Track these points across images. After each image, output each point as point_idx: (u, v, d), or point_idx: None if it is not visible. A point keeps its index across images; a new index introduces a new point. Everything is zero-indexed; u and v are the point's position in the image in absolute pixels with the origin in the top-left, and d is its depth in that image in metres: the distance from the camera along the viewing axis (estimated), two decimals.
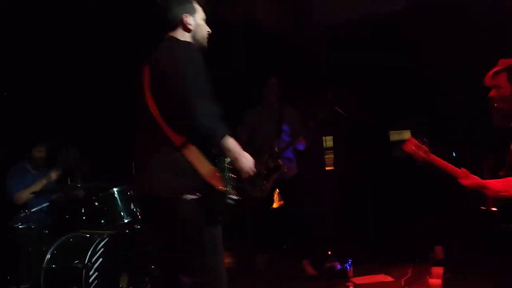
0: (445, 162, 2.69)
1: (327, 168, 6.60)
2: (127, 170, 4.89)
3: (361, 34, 7.08)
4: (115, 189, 3.83)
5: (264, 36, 6.32)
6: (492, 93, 2.62)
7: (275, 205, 5.15)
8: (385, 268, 4.42)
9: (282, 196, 4.78)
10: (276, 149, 4.42)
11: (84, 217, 3.85)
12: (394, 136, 7.45)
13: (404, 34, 6.78)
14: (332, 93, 4.62)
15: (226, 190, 2.12)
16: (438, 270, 4.01)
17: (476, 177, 2.61)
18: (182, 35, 2.37)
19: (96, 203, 3.81)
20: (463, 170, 2.65)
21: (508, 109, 2.56)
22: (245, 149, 2.21)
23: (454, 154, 6.26)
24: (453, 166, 2.68)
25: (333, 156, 6.59)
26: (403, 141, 7.59)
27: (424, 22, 6.52)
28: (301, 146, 4.54)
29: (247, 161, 2.23)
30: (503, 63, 2.66)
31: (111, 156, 5.09)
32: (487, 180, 2.58)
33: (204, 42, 2.44)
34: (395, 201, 5.75)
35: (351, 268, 4.24)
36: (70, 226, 3.84)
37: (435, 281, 3.82)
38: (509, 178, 2.53)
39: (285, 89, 4.84)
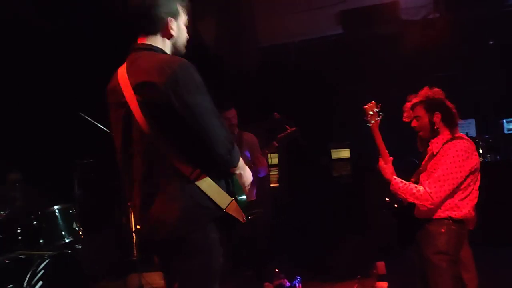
0: (381, 141, 3.11)
1: (272, 185, 6.65)
2: (69, 190, 4.72)
3: (301, 56, 7.36)
4: (55, 207, 3.61)
5: (203, 57, 6.35)
6: (414, 123, 3.01)
7: None
8: (331, 285, 4.50)
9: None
10: None
11: (20, 237, 3.58)
12: (335, 154, 7.70)
13: (342, 58, 7.14)
14: (278, 113, 4.66)
15: (246, 219, 2.03)
16: (383, 285, 4.14)
17: (392, 169, 3.05)
18: (163, 43, 2.06)
19: (35, 222, 3.55)
20: (390, 158, 3.07)
21: (428, 136, 2.93)
22: None
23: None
24: (384, 148, 3.06)
25: (277, 173, 6.68)
26: (343, 159, 7.84)
27: (362, 47, 6.91)
28: (262, 173, 4.49)
29: (249, 174, 2.13)
30: (419, 95, 3.02)
31: (53, 177, 4.80)
32: (395, 177, 2.99)
33: (183, 50, 2.16)
34: (336, 218, 5.91)
35: (300, 285, 4.26)
36: (5, 247, 3.55)
37: None
38: (411, 184, 2.91)
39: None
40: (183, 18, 2.12)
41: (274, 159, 6.68)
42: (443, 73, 6.83)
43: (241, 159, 2.04)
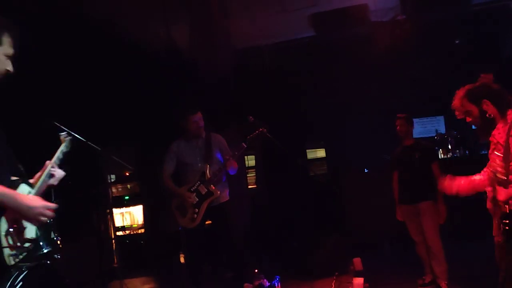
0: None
1: (249, 187, 6.73)
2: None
3: (275, 58, 7.45)
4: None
5: (177, 61, 6.38)
6: (468, 119, 2.75)
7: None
8: (309, 283, 4.60)
9: (212, 221, 4.56)
10: (208, 175, 4.34)
11: None
12: (311, 154, 7.84)
13: (314, 59, 7.27)
14: (252, 116, 4.70)
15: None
16: (359, 281, 4.26)
17: (459, 179, 2.89)
18: None
19: None
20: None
21: (483, 125, 2.64)
22: (171, 182, 2.02)
23: (366, 170, 6.74)
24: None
25: (255, 174, 6.76)
26: (319, 159, 7.92)
27: (333, 49, 7.06)
28: (232, 171, 4.49)
29: (27, 208, 1.99)
30: (462, 89, 2.79)
31: None
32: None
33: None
34: (312, 217, 6.03)
35: (279, 285, 4.35)
36: None
37: None
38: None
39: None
40: (5, 50, 2.02)
41: (251, 161, 6.78)
42: (412, 71, 7.05)
43: (5, 189, 1.90)
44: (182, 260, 5.85)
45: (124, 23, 5.54)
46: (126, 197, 6.43)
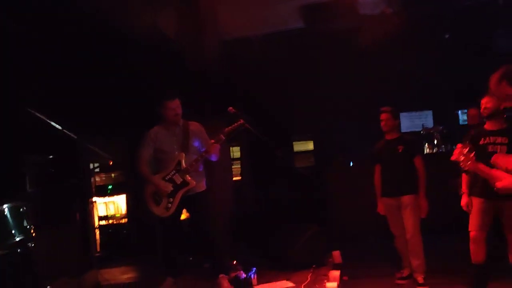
0: (486, 168, 2.83)
1: (234, 178, 6.72)
2: (20, 187, 4.65)
3: (263, 50, 7.41)
4: (5, 206, 3.56)
5: (166, 51, 6.33)
6: (506, 103, 2.70)
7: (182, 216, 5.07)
8: (287, 275, 4.59)
9: (189, 211, 4.60)
10: (184, 164, 4.32)
11: None
12: (298, 146, 7.83)
13: (303, 51, 7.23)
14: (236, 107, 4.68)
15: None
16: (335, 274, 4.27)
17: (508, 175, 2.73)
18: None
19: None
20: (497, 172, 2.81)
21: None
22: (147, 169, 1.95)
23: (351, 163, 6.74)
24: (491, 171, 2.81)
25: (240, 166, 6.76)
26: (306, 151, 7.95)
27: (322, 41, 7.02)
28: (214, 157, 4.46)
29: None
30: (496, 73, 2.71)
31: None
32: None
33: None
34: (295, 209, 6.03)
35: (255, 276, 4.36)
36: None
37: (332, 284, 4.06)
38: None
39: (186, 105, 4.72)
40: None
41: (236, 152, 6.77)
42: (401, 65, 7.03)
43: None
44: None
45: (110, 9, 5.48)
46: (109, 186, 6.42)
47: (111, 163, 6.39)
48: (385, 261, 4.95)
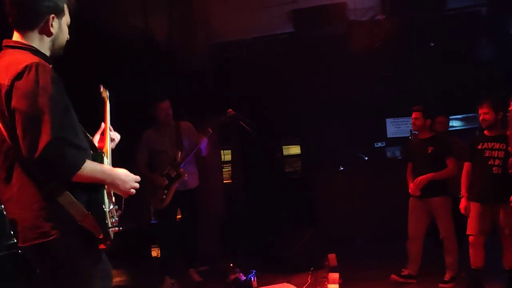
0: None
1: (224, 181, 6.68)
2: None
3: (253, 54, 7.41)
4: (2, 206, 3.43)
5: (156, 52, 6.28)
6: None
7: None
8: (286, 278, 4.58)
9: (180, 206, 4.78)
10: (179, 159, 4.55)
11: None
12: (286, 150, 7.86)
13: (292, 56, 7.27)
14: (234, 109, 4.70)
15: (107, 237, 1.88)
16: (334, 276, 4.29)
17: None
18: (40, 41, 1.91)
19: None
20: None
21: None
22: (145, 169, 2.05)
23: (341, 168, 6.81)
24: None
25: (230, 169, 6.71)
26: (294, 155, 7.93)
27: (312, 46, 7.08)
28: (204, 152, 4.68)
29: (121, 176, 1.96)
30: None
31: None
32: None
33: (61, 51, 2.02)
34: (287, 212, 6.04)
35: (255, 279, 4.33)
36: None
37: (333, 286, 4.08)
38: None
39: (178, 106, 4.96)
40: (67, 18, 2.00)
41: (227, 155, 6.73)
42: (388, 72, 7.16)
43: (96, 165, 1.88)
44: (153, 253, 5.79)
45: (100, 10, 5.38)
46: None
47: None
48: (377, 264, 5.02)
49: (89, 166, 1.83)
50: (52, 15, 1.91)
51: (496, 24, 6.83)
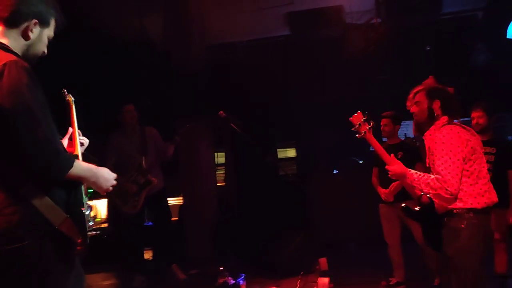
0: (380, 146, 2.92)
1: (218, 184, 6.66)
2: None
3: (249, 56, 7.40)
4: None
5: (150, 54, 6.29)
6: (413, 108, 2.89)
7: None
8: (275, 282, 4.56)
9: (149, 207, 4.92)
10: (144, 165, 4.66)
11: None
12: (282, 153, 7.84)
13: (288, 58, 7.25)
14: (225, 111, 4.68)
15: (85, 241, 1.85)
16: (324, 280, 4.25)
17: (401, 164, 2.85)
18: (15, 40, 1.90)
19: None
20: (392, 156, 2.91)
21: (424, 121, 2.83)
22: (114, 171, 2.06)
23: (335, 171, 6.79)
24: (385, 152, 2.89)
25: (224, 172, 6.69)
26: (289, 158, 7.90)
27: (308, 48, 7.06)
28: (168, 157, 4.87)
29: (103, 174, 2.00)
30: (423, 84, 2.97)
31: None
32: (409, 170, 2.81)
33: (34, 61, 1.99)
34: (279, 216, 6.01)
35: (244, 283, 4.30)
36: None
37: None
38: (425, 174, 2.74)
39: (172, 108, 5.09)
40: (50, 32, 2.01)
41: (221, 158, 6.71)
42: (384, 75, 7.13)
43: (83, 164, 1.91)
44: (146, 256, 5.77)
45: (97, 12, 5.38)
46: (90, 190, 6.22)
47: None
48: (369, 268, 4.98)
49: (78, 164, 1.86)
50: (35, 21, 1.93)
51: (492, 29, 6.81)
